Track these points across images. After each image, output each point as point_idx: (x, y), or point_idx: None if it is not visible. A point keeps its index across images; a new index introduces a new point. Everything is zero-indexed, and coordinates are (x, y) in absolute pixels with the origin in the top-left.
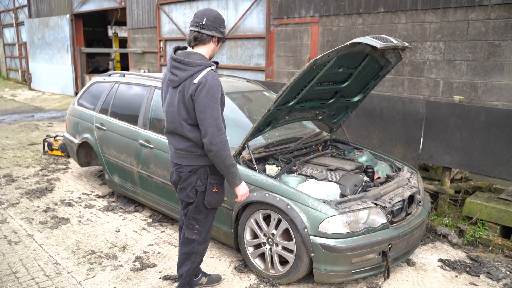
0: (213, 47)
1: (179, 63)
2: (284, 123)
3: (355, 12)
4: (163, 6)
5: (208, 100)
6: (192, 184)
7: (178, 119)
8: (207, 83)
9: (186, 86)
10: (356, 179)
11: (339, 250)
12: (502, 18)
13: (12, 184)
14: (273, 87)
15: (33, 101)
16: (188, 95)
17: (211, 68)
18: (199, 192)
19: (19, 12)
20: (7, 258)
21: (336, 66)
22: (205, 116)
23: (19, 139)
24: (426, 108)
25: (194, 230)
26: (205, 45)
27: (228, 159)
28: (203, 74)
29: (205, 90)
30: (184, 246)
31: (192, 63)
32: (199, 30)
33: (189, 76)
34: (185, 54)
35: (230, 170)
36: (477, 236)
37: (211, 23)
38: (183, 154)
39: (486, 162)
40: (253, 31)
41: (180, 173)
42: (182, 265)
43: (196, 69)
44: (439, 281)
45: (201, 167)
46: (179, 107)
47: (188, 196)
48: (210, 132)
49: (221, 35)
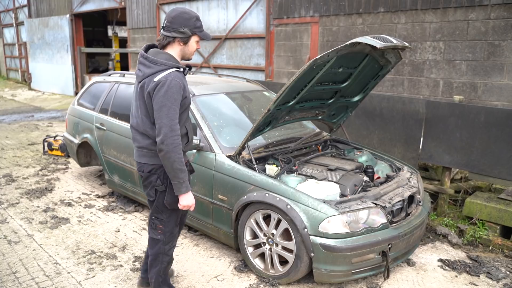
0: (180, 47)
1: (145, 59)
2: (284, 123)
3: (355, 12)
4: (163, 6)
5: (165, 99)
6: (152, 183)
7: (139, 114)
8: (166, 83)
9: (146, 83)
10: (356, 179)
11: (339, 250)
12: (502, 18)
13: (12, 184)
14: (273, 87)
15: (33, 101)
16: (147, 92)
17: (176, 70)
18: (159, 192)
19: (19, 12)
20: (7, 258)
21: (336, 66)
22: (160, 115)
23: (19, 139)
24: (426, 108)
25: (158, 230)
26: (170, 46)
27: (177, 163)
28: (165, 73)
29: (164, 89)
30: (151, 247)
31: (157, 61)
32: (161, 32)
33: (151, 74)
34: (154, 52)
35: (177, 174)
36: (477, 236)
37: (170, 24)
38: (143, 152)
39: (486, 162)
40: (253, 31)
41: (141, 172)
42: (151, 267)
43: (159, 68)
44: (439, 281)
45: (161, 167)
46: (140, 102)
47: (149, 194)
48: (163, 132)
49: (182, 35)
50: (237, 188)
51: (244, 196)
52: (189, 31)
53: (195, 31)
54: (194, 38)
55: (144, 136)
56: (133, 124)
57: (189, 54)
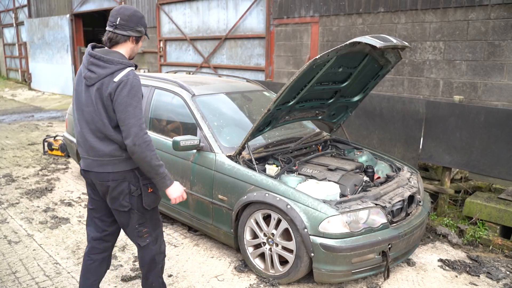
0: (131, 46)
1: (98, 59)
2: (284, 123)
3: (355, 12)
4: (163, 6)
5: (129, 99)
6: (124, 192)
7: (100, 118)
8: (128, 82)
9: (104, 84)
10: (356, 179)
11: (339, 250)
12: (502, 18)
13: (12, 184)
14: (273, 87)
15: (33, 101)
16: (107, 93)
17: (132, 68)
18: (135, 198)
19: (19, 12)
20: (7, 258)
21: (336, 66)
22: (127, 116)
23: (19, 139)
24: (426, 108)
25: (145, 235)
26: (122, 45)
27: (154, 159)
28: (124, 72)
29: (127, 88)
30: (143, 256)
31: (113, 60)
32: (113, 31)
33: (109, 74)
34: (104, 52)
35: (157, 171)
36: (477, 236)
37: (126, 22)
38: (105, 160)
39: (486, 162)
40: (253, 31)
41: (106, 182)
42: (149, 272)
43: (116, 67)
44: (439, 281)
45: (129, 172)
46: (98, 106)
47: (122, 205)
48: (133, 133)
49: (139, 34)
50: (237, 188)
51: (244, 196)
52: (143, 30)
53: (145, 30)
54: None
55: (107, 142)
56: (91, 130)
57: (135, 53)
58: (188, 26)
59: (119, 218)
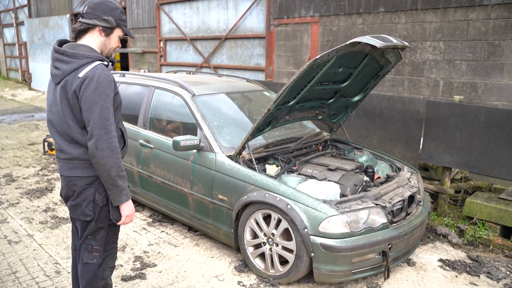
0: (101, 39)
1: (62, 54)
2: (284, 123)
3: (355, 12)
4: (163, 6)
5: (96, 96)
6: (88, 199)
7: (65, 119)
8: (95, 78)
9: (69, 81)
10: (356, 179)
11: (339, 250)
12: (502, 18)
13: (12, 184)
14: (273, 87)
15: (33, 101)
16: (72, 91)
17: (102, 62)
18: (99, 207)
19: (19, 12)
20: (7, 258)
21: (336, 66)
22: (91, 116)
23: (19, 139)
24: (426, 108)
25: (94, 253)
26: (88, 37)
27: (115, 169)
28: (90, 67)
29: (93, 85)
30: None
31: (78, 54)
32: (79, 20)
33: (73, 70)
34: (71, 46)
35: (115, 182)
36: (477, 236)
37: (92, 10)
38: (75, 164)
39: (486, 162)
40: (253, 31)
41: (73, 186)
42: None
43: (82, 62)
44: (439, 281)
45: (98, 178)
46: (63, 105)
47: (85, 213)
48: (96, 134)
49: (106, 24)
50: (237, 188)
51: (244, 196)
52: (114, 21)
53: (120, 23)
54: (117, 31)
55: (74, 145)
56: (59, 132)
57: (110, 50)
58: (188, 26)
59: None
